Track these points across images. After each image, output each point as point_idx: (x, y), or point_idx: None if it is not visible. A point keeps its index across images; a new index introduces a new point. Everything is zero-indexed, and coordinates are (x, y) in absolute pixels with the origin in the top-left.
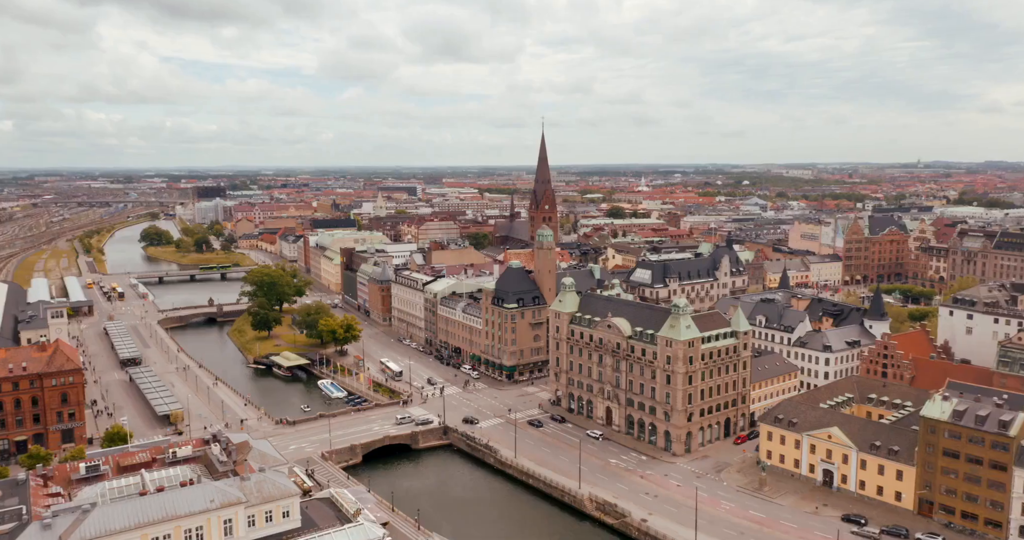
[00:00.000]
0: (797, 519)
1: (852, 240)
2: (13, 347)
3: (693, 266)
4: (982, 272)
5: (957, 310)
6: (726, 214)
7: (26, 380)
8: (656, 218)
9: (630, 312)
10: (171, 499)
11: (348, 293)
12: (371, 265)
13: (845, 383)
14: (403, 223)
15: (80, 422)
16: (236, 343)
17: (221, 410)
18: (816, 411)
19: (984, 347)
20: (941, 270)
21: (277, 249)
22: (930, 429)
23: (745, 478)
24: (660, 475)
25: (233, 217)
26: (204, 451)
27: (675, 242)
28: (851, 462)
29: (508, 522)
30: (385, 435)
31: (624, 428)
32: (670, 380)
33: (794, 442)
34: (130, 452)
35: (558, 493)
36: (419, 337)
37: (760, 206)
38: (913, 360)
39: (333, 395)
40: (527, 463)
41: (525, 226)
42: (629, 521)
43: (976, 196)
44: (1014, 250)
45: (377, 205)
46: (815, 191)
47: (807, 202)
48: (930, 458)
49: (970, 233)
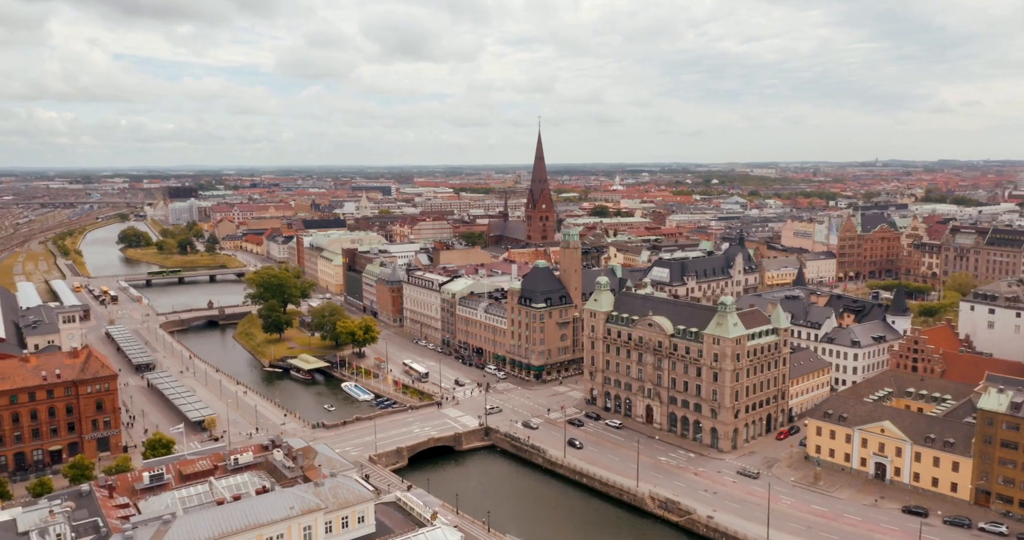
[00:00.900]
0: (859, 512)
1: (845, 237)
2: (42, 353)
3: (708, 264)
4: (975, 268)
5: (979, 305)
6: (710, 213)
7: (61, 387)
8: (640, 217)
9: (670, 310)
10: (251, 507)
11: (351, 294)
12: (377, 266)
13: (883, 378)
14: (394, 223)
15: (116, 430)
16: (246, 346)
17: (254, 415)
18: (866, 405)
19: (1006, 341)
20: (934, 266)
21: (264, 250)
22: (987, 421)
23: (797, 473)
24: (713, 472)
25: (211, 218)
26: (265, 457)
27: (674, 240)
28: (905, 455)
29: (573, 522)
30: (429, 437)
31: (666, 426)
32: (717, 377)
33: (844, 436)
34: (189, 460)
35: (616, 492)
36: (435, 338)
37: (740, 204)
38: (944, 354)
39: (360, 398)
40: (578, 462)
41: (520, 225)
42: (696, 518)
43: (942, 194)
44: (1006, 246)
45: (361, 205)
46: (785, 189)
47: (781, 200)
48: (987, 449)
49: (962, 230)
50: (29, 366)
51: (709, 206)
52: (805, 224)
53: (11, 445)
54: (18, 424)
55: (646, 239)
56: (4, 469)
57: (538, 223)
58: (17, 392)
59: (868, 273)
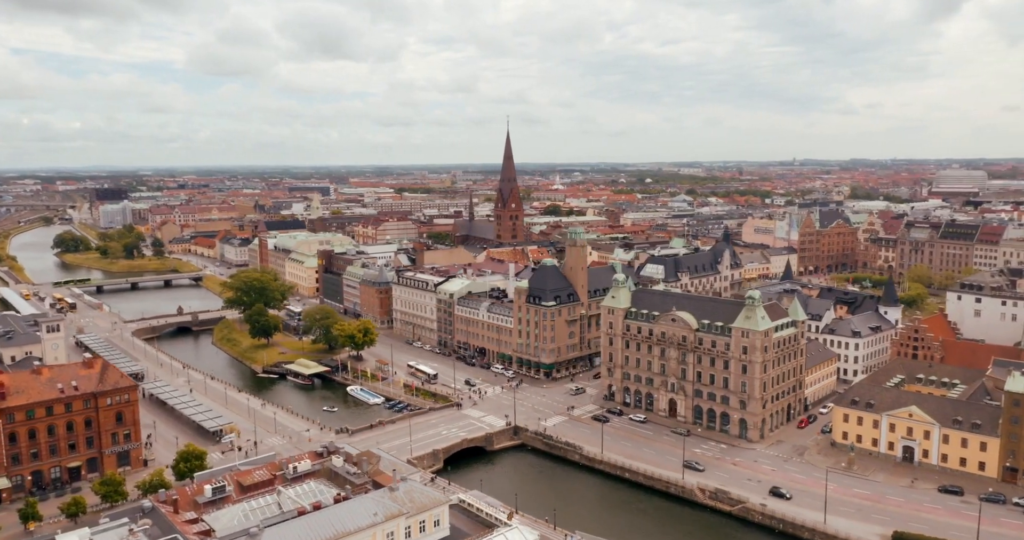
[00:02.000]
0: (898, 494)
1: (805, 233)
2: (57, 365)
3: (699, 260)
4: (929, 260)
5: (965, 294)
6: (662, 211)
7: (80, 400)
8: (593, 216)
9: (691, 305)
10: (336, 516)
11: (329, 297)
12: (359, 267)
13: (893, 366)
14: (354, 224)
15: (136, 443)
16: (231, 352)
17: (271, 423)
18: (891, 392)
19: (993, 327)
20: (890, 259)
21: (216, 253)
22: (1014, 402)
23: (829, 459)
24: (750, 461)
25: (149, 221)
26: (323, 464)
27: (644, 238)
28: (933, 438)
29: (628, 515)
30: (462, 438)
31: (691, 419)
32: (746, 369)
33: (872, 422)
34: (245, 470)
35: (662, 485)
36: (430, 339)
37: (688, 203)
38: (942, 342)
39: (371, 401)
40: (617, 457)
41: (487, 225)
42: (750, 507)
43: (867, 191)
44: (958, 239)
45: (313, 206)
46: (720, 188)
47: (721, 198)
48: (1015, 429)
49: (916, 225)
50: (43, 379)
51: (656, 205)
52: (766, 221)
53: (28, 463)
54: (35, 440)
55: (614, 237)
56: (20, 489)
57: (508, 222)
58: (34, 406)
59: (826, 267)
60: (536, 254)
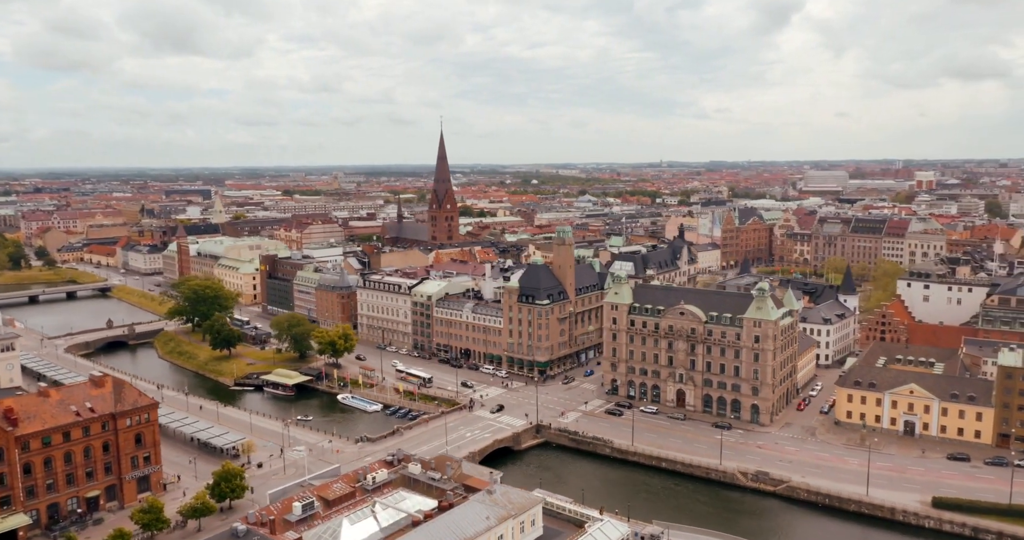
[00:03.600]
0: (916, 464)
1: (727, 230)
2: (56, 386)
3: (661, 256)
4: (842, 253)
5: (915, 282)
6: (574, 211)
7: (98, 423)
8: (504, 216)
9: (697, 299)
10: (454, 522)
11: (275, 304)
12: (312, 272)
13: (875, 349)
14: (272, 227)
15: (156, 466)
16: (188, 366)
17: (282, 437)
18: (890, 372)
19: (940, 311)
20: (805, 253)
21: (118, 261)
22: (1007, 375)
23: (840, 437)
24: (771, 443)
25: (23, 228)
26: (399, 473)
27: (581, 237)
28: (932, 411)
29: (679, 501)
30: (494, 439)
31: (700, 408)
32: (758, 357)
33: (875, 400)
34: (323, 485)
35: (702, 472)
36: (403, 342)
37: (592, 202)
38: (907, 325)
39: (369, 409)
40: (649, 448)
41: (417, 227)
42: (795, 485)
43: (745, 191)
44: (867, 233)
45: (214, 209)
46: (609, 188)
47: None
48: (1007, 399)
49: (828, 221)
50: (53, 401)
51: (562, 205)
52: (690, 219)
53: (43, 496)
54: (50, 470)
55: (547, 237)
56: (36, 525)
57: (444, 223)
58: (50, 432)
59: (744, 261)
60: (483, 255)
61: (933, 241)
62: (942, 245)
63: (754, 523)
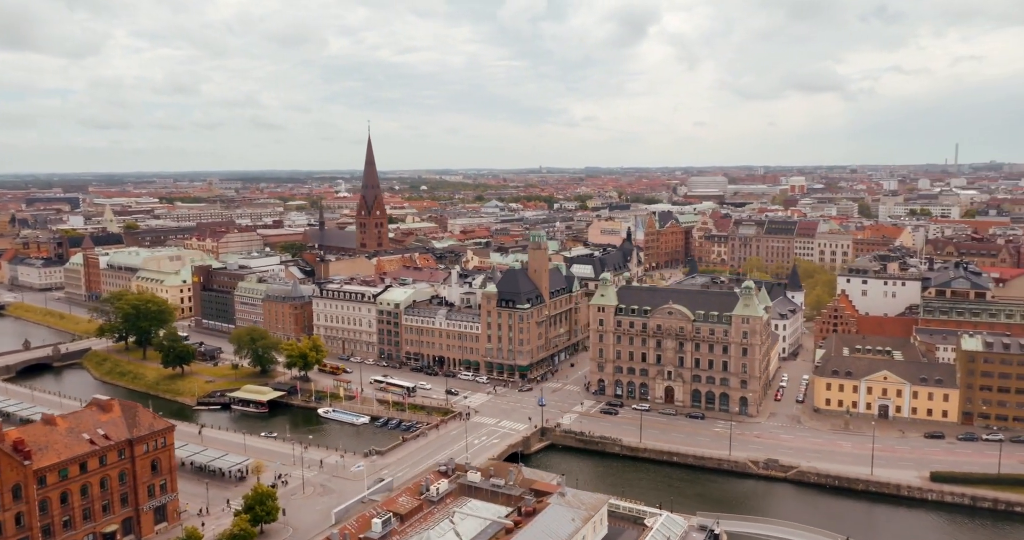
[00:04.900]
0: (899, 443)
1: (649, 233)
2: (70, 412)
3: (614, 259)
4: (757, 253)
5: (854, 277)
6: (487, 217)
7: (114, 451)
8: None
9: (682, 298)
10: (546, 526)
11: (211, 317)
12: (255, 282)
13: (836, 341)
14: (182, 236)
15: (172, 494)
16: (137, 387)
17: (292, 456)
18: (863, 361)
19: (878, 304)
20: (722, 254)
21: (3, 276)
22: (969, 359)
23: (825, 423)
24: (767, 433)
25: None
26: (458, 482)
27: (513, 242)
28: (904, 395)
29: (701, 490)
30: (507, 445)
31: (689, 403)
32: (746, 352)
33: (852, 387)
34: (390, 499)
35: (714, 463)
36: (367, 352)
37: (500, 208)
38: (856, 318)
39: (357, 422)
40: (657, 443)
41: (341, 233)
42: (804, 470)
43: (635, 195)
44: (780, 234)
45: (105, 218)
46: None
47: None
48: (970, 380)
49: (743, 223)
50: (62, 430)
51: (469, 211)
52: (612, 223)
53: (60, 535)
54: (67, 505)
55: (477, 241)
56: None
57: (373, 230)
58: (67, 464)
59: (664, 262)
60: (423, 261)
61: (840, 240)
62: (848, 244)
63: (777, 507)
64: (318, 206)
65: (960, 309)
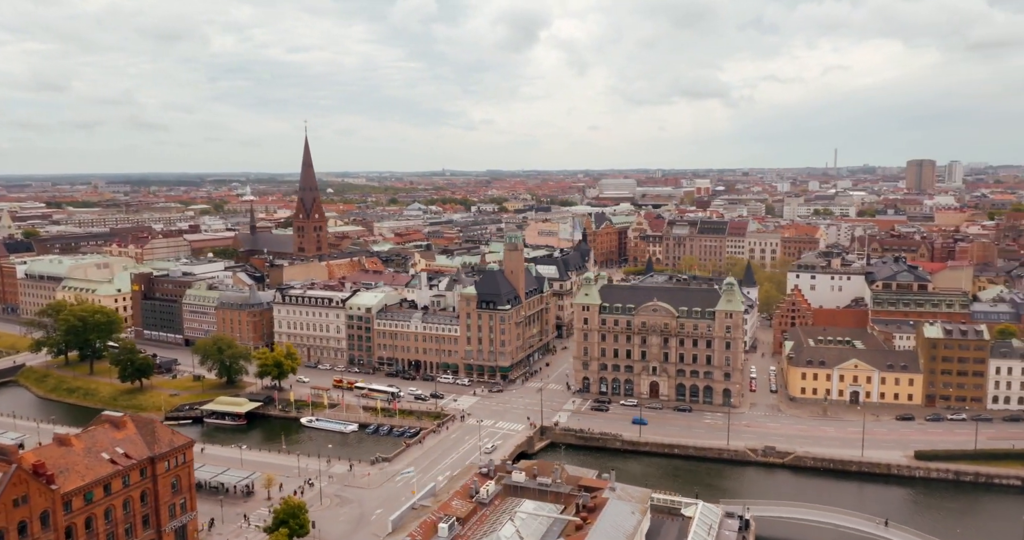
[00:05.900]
0: (877, 427)
1: (587, 234)
2: (84, 431)
3: (574, 260)
4: (691, 252)
5: (803, 273)
6: (413, 220)
7: (136, 470)
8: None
9: (665, 296)
10: (612, 522)
11: (153, 327)
12: (205, 289)
13: (798, 333)
14: (98, 242)
15: (192, 513)
16: (89, 404)
17: (296, 467)
18: (833, 350)
19: (826, 298)
20: (657, 253)
21: None
22: (931, 345)
23: (804, 411)
24: (754, 422)
25: None
26: (503, 484)
27: (457, 244)
28: (874, 381)
29: (705, 478)
30: (515, 445)
31: (673, 397)
32: (730, 346)
33: (826, 376)
34: (444, 503)
35: (714, 453)
36: (335, 359)
37: (423, 210)
38: (812, 311)
39: (346, 430)
40: (658, 437)
41: (274, 237)
42: (801, 455)
43: (550, 197)
44: (711, 233)
45: (3, 224)
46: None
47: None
48: (933, 365)
49: (677, 223)
50: (79, 450)
51: (389, 214)
52: (551, 224)
53: None
54: (91, 531)
55: (417, 244)
56: None
57: (312, 234)
58: (92, 487)
59: (602, 262)
60: (372, 264)
61: (769, 239)
62: (777, 243)
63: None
64: (221, 209)
65: (907, 300)
